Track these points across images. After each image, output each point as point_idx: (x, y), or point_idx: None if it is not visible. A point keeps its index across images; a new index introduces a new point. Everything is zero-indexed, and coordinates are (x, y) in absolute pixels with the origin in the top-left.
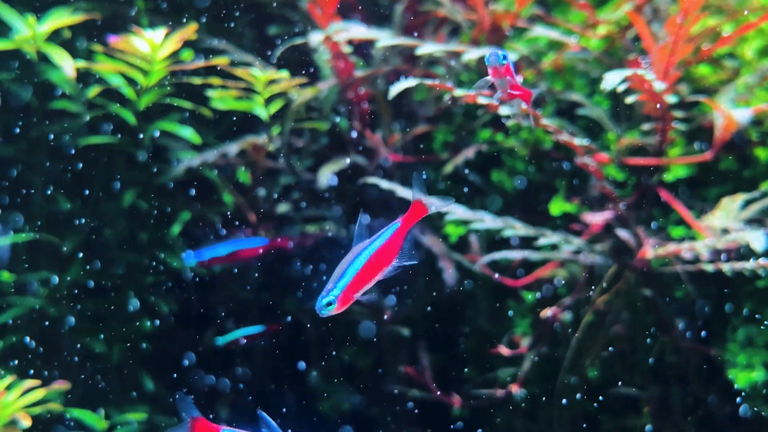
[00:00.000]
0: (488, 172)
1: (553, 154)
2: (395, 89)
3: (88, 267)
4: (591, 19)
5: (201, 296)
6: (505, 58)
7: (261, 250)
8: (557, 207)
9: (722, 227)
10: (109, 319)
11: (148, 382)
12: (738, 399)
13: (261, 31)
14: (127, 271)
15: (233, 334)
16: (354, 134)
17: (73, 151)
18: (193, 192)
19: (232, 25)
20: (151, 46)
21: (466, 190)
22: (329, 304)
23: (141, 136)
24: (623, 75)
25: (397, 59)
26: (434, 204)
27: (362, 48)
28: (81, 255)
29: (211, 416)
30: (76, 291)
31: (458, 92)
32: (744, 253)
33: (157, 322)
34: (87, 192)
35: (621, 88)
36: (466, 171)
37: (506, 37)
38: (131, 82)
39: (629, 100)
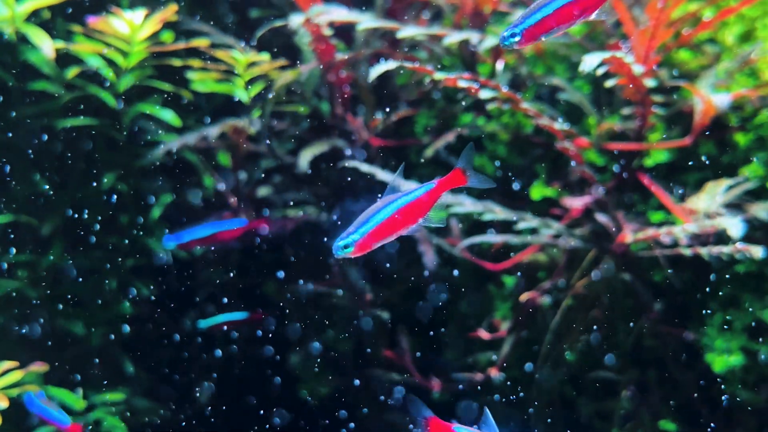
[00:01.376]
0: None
1: (534, 139)
2: (375, 72)
3: (67, 250)
4: None
5: (181, 279)
6: (513, 36)
7: (240, 232)
8: (538, 191)
9: (706, 210)
10: (89, 301)
11: (128, 364)
12: (716, 383)
13: (243, 14)
14: (107, 254)
15: (216, 319)
16: (335, 118)
17: (52, 133)
18: (174, 175)
19: (214, 7)
20: (131, 27)
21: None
22: (346, 246)
23: (121, 118)
24: (602, 57)
25: (378, 42)
26: (474, 178)
27: (344, 31)
28: (61, 237)
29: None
30: (55, 273)
31: (438, 75)
32: (722, 237)
33: (138, 305)
34: (66, 174)
35: (600, 72)
36: (448, 155)
37: (488, 22)
38: (111, 63)
39: (609, 83)
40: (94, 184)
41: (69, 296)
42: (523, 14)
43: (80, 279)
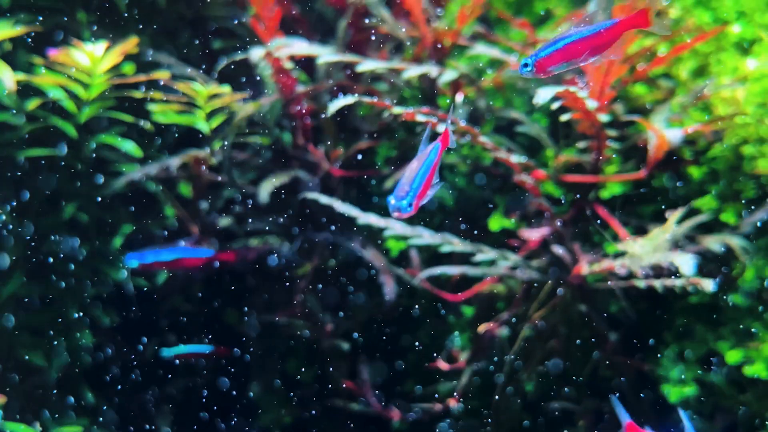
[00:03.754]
0: None
1: (493, 171)
2: (333, 106)
3: (28, 280)
4: (531, 37)
5: (143, 308)
6: (525, 66)
7: (206, 261)
8: (496, 223)
9: (643, 255)
10: (50, 331)
11: (89, 395)
12: (674, 413)
13: (207, 45)
14: (68, 284)
15: (179, 349)
16: (296, 149)
17: (13, 164)
18: (135, 205)
19: (177, 38)
20: (92, 59)
21: None
22: (410, 204)
23: (83, 148)
24: (554, 91)
25: (340, 74)
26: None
27: (307, 62)
28: (21, 268)
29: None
30: (16, 303)
31: (396, 110)
32: (676, 269)
33: (99, 334)
34: (27, 204)
35: (555, 106)
36: None
37: (448, 55)
38: (72, 95)
39: (564, 118)
40: (55, 213)
41: (29, 326)
42: (541, 46)
43: (41, 308)
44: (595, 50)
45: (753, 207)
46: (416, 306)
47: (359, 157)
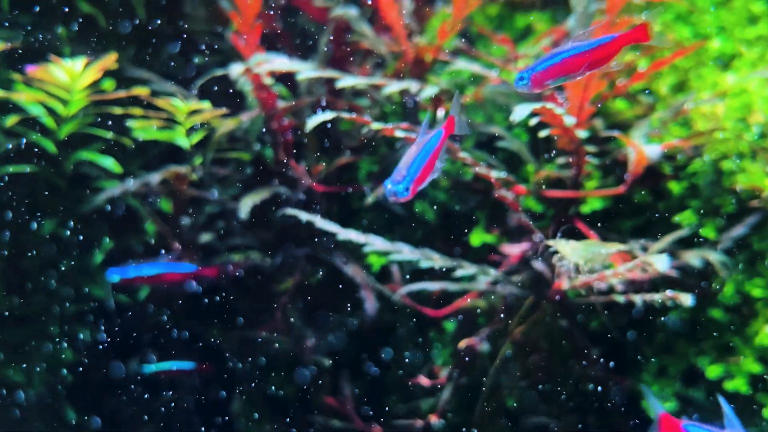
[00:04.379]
0: (411, 203)
1: (474, 185)
2: (311, 123)
3: (7, 296)
4: (512, 53)
5: (124, 324)
6: (521, 80)
7: (188, 277)
8: (477, 238)
9: (572, 257)
10: (30, 348)
11: (70, 412)
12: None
13: (189, 60)
14: (48, 300)
15: (161, 365)
16: (278, 164)
17: None
18: (116, 221)
19: (159, 54)
20: (71, 75)
21: (388, 219)
22: (406, 189)
23: (62, 164)
24: (531, 108)
25: (322, 89)
26: (460, 124)
27: (289, 77)
28: (1, 283)
29: None
30: None
31: (375, 125)
32: (656, 284)
33: (80, 351)
34: (7, 220)
35: (534, 122)
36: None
37: (429, 70)
38: (52, 111)
39: (542, 134)
40: (35, 229)
41: (8, 342)
42: (536, 61)
43: (21, 325)
44: (593, 64)
45: (733, 222)
46: (398, 321)
47: (343, 171)
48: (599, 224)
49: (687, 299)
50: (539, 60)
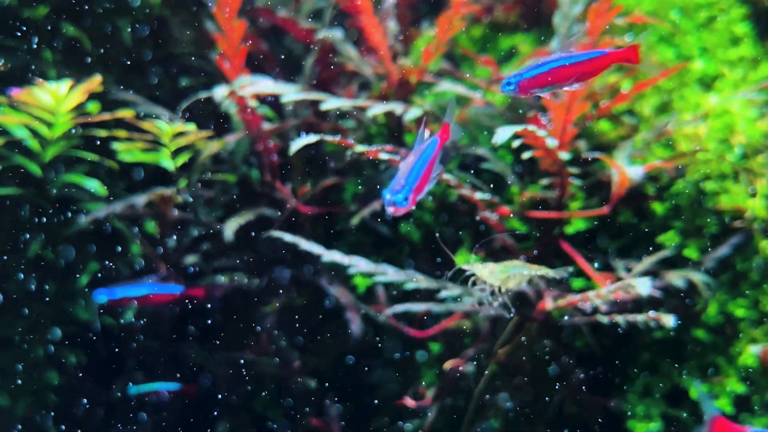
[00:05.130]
0: (397, 223)
1: (459, 207)
2: (295, 146)
3: None
4: (496, 74)
5: (110, 347)
6: (508, 84)
7: (175, 298)
8: (462, 258)
9: (489, 278)
10: (15, 371)
11: None
12: None
13: (176, 82)
14: (33, 323)
15: (148, 386)
16: (264, 186)
17: None
18: (101, 243)
19: (145, 76)
20: (55, 98)
21: (374, 240)
22: (405, 198)
23: (48, 187)
24: (513, 130)
25: (307, 111)
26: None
27: (275, 98)
28: None
29: None
30: None
31: (359, 148)
32: (639, 304)
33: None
34: None
35: (517, 144)
36: (376, 222)
37: (414, 91)
38: (37, 134)
39: (525, 155)
40: (20, 252)
41: None
42: (524, 67)
43: (6, 348)
44: (581, 77)
45: (716, 242)
46: (383, 342)
47: (328, 192)
48: (584, 245)
49: (669, 320)
50: (528, 67)
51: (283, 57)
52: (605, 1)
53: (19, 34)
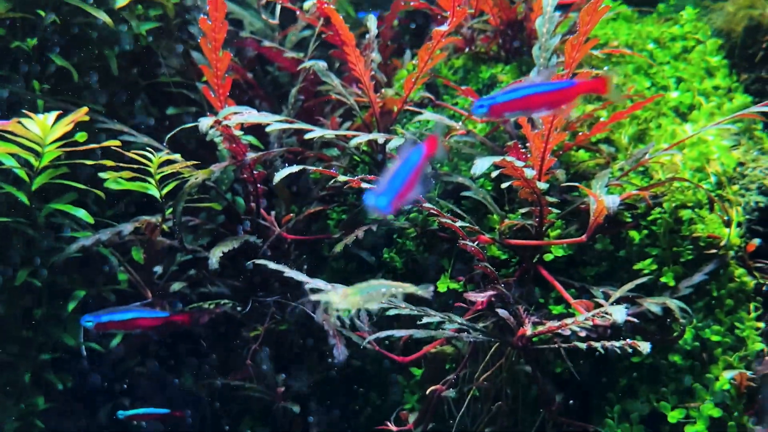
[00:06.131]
0: (380, 250)
1: (441, 234)
2: (279, 176)
3: None
4: None
5: (96, 372)
6: (481, 107)
7: (160, 323)
8: (444, 285)
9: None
10: (1, 398)
11: None
12: None
13: (162, 111)
14: (20, 349)
15: (136, 411)
16: (249, 213)
17: None
18: (88, 270)
19: (133, 105)
20: (43, 128)
21: (357, 266)
22: (388, 203)
23: (35, 215)
24: (492, 161)
25: (292, 139)
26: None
27: (260, 127)
28: None
29: None
30: None
31: (342, 178)
32: (618, 330)
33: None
34: None
35: (495, 174)
36: (358, 249)
37: (397, 120)
38: (24, 163)
39: (504, 185)
40: (7, 279)
41: None
42: (497, 92)
43: None
44: (551, 105)
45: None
46: (367, 367)
47: (313, 220)
48: (563, 271)
49: (645, 347)
50: (501, 91)
51: (268, 85)
52: (582, 33)
53: (9, 64)
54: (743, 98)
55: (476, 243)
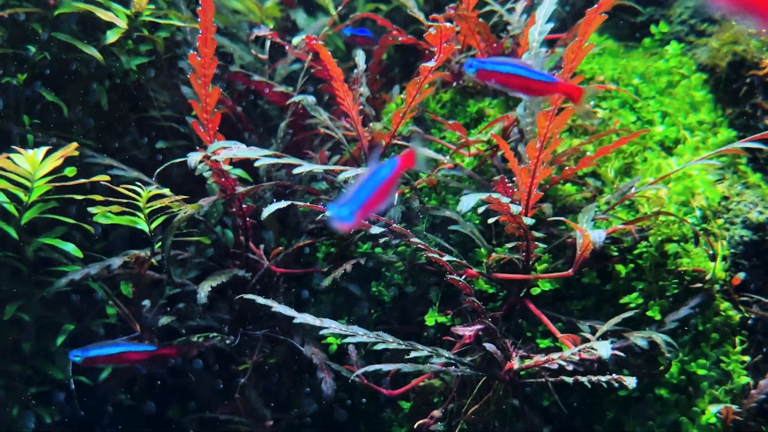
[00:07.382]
0: (368, 283)
1: (428, 268)
2: (267, 211)
3: None
4: (463, 138)
5: (84, 405)
6: (470, 66)
7: (148, 356)
8: (431, 318)
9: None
10: None
11: None
12: None
13: (153, 144)
14: (8, 383)
15: None
16: (238, 247)
17: None
18: (76, 304)
19: (122, 139)
20: (32, 164)
21: (345, 300)
22: (351, 213)
23: (24, 249)
24: (478, 198)
25: (281, 173)
26: (422, 155)
27: (249, 161)
28: None
29: None
30: None
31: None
32: (604, 364)
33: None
34: None
35: (482, 210)
36: (347, 282)
37: (384, 154)
38: (14, 198)
39: (491, 221)
40: None
41: None
42: (490, 58)
43: None
44: (529, 91)
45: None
46: (355, 400)
47: (302, 253)
48: (550, 305)
49: (631, 382)
50: (492, 60)
51: (258, 118)
52: (567, 71)
53: None
54: (728, 133)
55: (464, 277)
